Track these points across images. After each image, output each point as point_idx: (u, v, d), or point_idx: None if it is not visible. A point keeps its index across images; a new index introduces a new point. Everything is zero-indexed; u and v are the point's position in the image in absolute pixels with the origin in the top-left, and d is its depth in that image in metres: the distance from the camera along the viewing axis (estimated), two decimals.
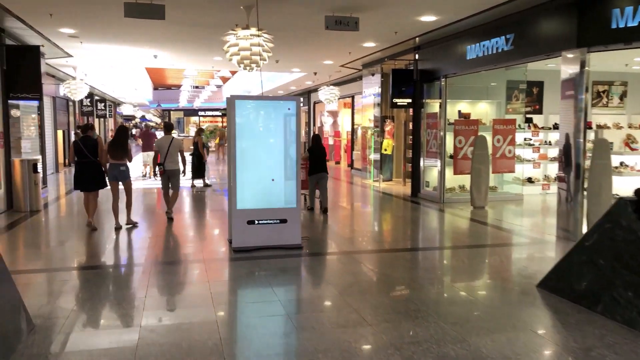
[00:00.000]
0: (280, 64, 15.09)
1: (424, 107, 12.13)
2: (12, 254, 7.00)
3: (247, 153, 6.98)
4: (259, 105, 7.10)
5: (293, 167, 7.15)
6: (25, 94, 10.38)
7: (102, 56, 13.78)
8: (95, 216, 8.65)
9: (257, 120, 7.06)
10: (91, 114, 22.94)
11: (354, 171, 19.14)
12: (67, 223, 9.36)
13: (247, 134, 6.99)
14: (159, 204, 11.84)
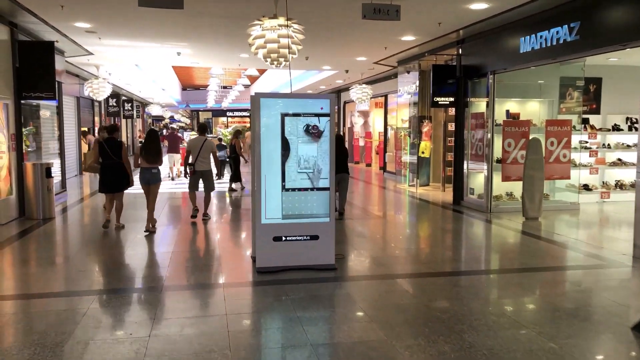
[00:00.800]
0: (310, 61, 14.14)
1: (468, 107, 10.99)
2: (4, 273, 6.21)
3: (274, 158, 6.03)
4: (287, 104, 6.13)
5: (326, 175, 6.17)
6: (39, 93, 9.67)
7: (124, 54, 13.06)
8: (120, 219, 8.62)
9: (285, 121, 6.09)
10: (117, 114, 22.43)
11: (386, 174, 18.05)
12: (79, 234, 8.58)
13: (274, 137, 6.05)
14: (185, 206, 11.08)
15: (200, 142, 9.18)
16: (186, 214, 10.05)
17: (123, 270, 6.30)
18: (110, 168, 7.98)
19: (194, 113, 50.61)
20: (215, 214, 10.26)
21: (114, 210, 8.46)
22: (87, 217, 10.03)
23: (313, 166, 6.13)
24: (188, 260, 6.75)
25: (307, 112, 6.09)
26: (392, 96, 18.35)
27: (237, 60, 14.16)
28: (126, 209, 9.27)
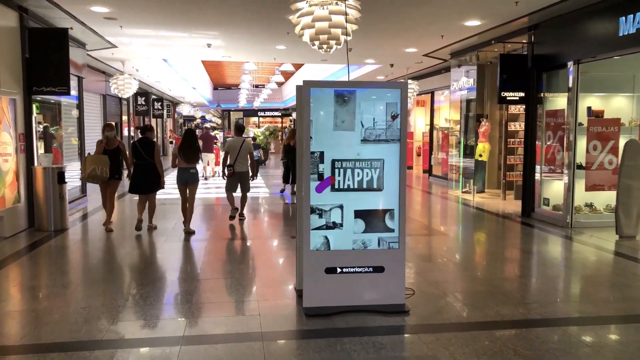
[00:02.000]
0: (353, 53, 12.68)
1: (542, 103, 9.35)
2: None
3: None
4: (345, 95, 4.69)
5: (394, 186, 4.71)
6: (51, 88, 8.47)
7: (149, 46, 11.84)
8: (154, 219, 8.42)
9: (342, 116, 4.65)
10: (146, 113, 21.41)
11: (432, 179, 16.44)
12: (94, 249, 7.32)
13: (326, 135, 4.63)
14: (218, 208, 9.86)
15: (239, 143, 8.91)
16: (219, 219, 8.75)
17: (142, 307, 4.96)
18: (143, 169, 7.79)
19: (225, 113, 49.68)
20: (263, 223, 8.91)
21: (145, 211, 8.28)
22: (113, 225, 8.79)
23: (377, 172, 4.68)
24: (216, 291, 5.37)
25: (372, 104, 4.65)
26: (439, 93, 16.74)
27: (273, 53, 12.79)
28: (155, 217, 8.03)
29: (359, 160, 4.67)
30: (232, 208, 9.01)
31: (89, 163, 7.78)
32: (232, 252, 7.17)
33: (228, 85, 40.50)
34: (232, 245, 7.55)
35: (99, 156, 7.84)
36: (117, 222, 8.92)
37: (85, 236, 8.18)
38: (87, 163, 7.81)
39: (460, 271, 6.23)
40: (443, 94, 16.63)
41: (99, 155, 7.86)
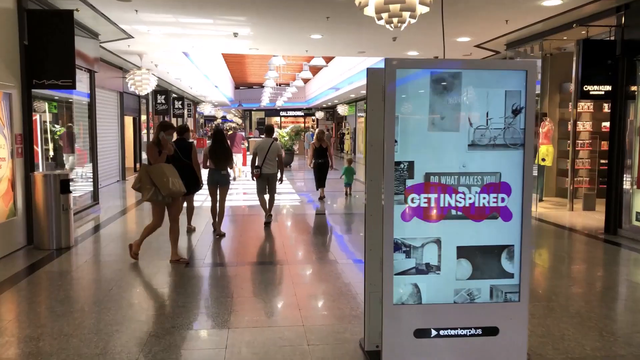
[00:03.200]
0: (395, 44, 11.21)
1: (634, 98, 7.76)
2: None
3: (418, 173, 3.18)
4: (446, 79, 3.22)
5: (516, 212, 3.25)
6: (54, 80, 7.16)
7: (169, 36, 10.51)
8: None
9: (441, 110, 3.20)
10: (166, 112, 20.18)
11: None
12: (104, 277, 5.96)
13: (416, 138, 3.18)
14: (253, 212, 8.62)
15: (268, 145, 8.59)
16: (249, 226, 7.36)
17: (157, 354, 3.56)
18: (180, 170, 7.15)
19: (246, 113, 48.53)
20: (302, 239, 7.50)
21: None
22: (121, 243, 7.44)
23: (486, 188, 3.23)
24: (255, 347, 3.94)
25: (484, 92, 3.19)
26: None
27: (306, 44, 11.36)
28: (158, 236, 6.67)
29: (466, 175, 3.22)
30: (266, 214, 8.72)
31: (159, 175, 5.97)
32: (268, 285, 5.75)
33: (250, 84, 39.30)
34: (267, 273, 6.13)
35: (169, 166, 6.18)
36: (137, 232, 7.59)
37: (94, 256, 6.83)
38: (156, 175, 6.00)
39: (570, 318, 4.69)
40: None
41: (169, 165, 6.19)
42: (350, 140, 31.44)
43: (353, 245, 7.49)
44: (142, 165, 6.28)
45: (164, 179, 5.94)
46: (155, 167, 6.01)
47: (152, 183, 5.96)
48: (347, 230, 8.77)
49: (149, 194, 6.00)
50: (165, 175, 5.97)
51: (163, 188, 5.93)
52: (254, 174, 8.61)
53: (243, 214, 10.21)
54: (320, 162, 11.66)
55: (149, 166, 6.09)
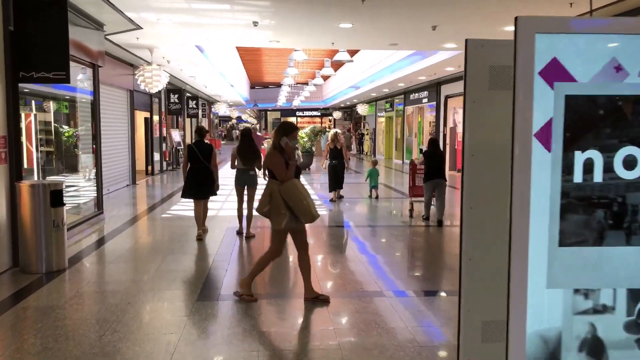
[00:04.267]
0: (432, 34, 9.96)
1: None
2: None
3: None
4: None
5: None
6: (44, 73, 6.04)
7: (181, 25, 9.36)
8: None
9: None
10: (179, 112, 19.12)
11: None
12: (94, 316, 4.79)
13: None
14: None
15: None
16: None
17: None
18: (199, 173, 7.37)
19: (261, 113, 47.52)
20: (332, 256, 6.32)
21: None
22: (124, 265, 6.29)
23: None
24: None
25: None
26: None
27: (333, 35, 10.14)
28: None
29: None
30: None
31: (296, 196, 4.61)
32: (299, 330, 4.54)
33: (266, 84, 38.24)
34: (293, 309, 4.92)
35: (300, 182, 4.80)
36: (148, 246, 6.44)
37: (88, 284, 5.67)
38: (292, 196, 4.58)
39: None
40: None
41: (299, 181, 4.80)
42: (370, 141, 30.17)
43: (391, 271, 6.27)
44: (269, 183, 4.76)
45: (303, 201, 4.60)
46: (289, 187, 4.60)
47: (286, 206, 4.59)
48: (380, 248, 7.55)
49: (285, 221, 4.59)
50: (303, 196, 4.63)
51: (304, 214, 4.60)
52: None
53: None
54: (333, 163, 11.31)
55: (279, 184, 4.63)
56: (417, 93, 21.35)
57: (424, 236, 8.35)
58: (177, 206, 10.76)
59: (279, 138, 4.73)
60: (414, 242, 8.01)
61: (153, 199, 12.26)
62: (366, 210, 10.67)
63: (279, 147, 4.71)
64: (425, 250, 7.56)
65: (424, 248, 7.67)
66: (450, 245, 7.38)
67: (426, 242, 8.01)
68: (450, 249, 7.11)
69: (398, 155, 24.94)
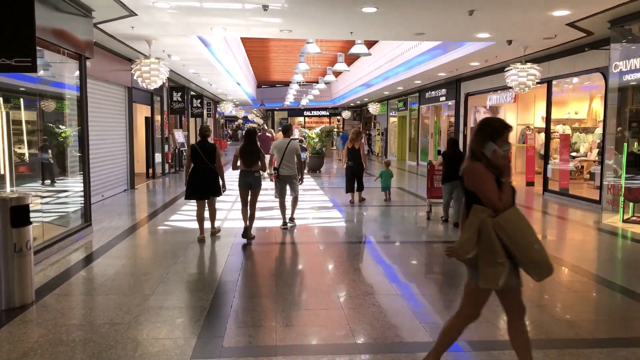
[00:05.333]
0: (464, 24, 8.70)
1: None
2: None
3: None
4: None
5: None
6: (4, 60, 4.83)
7: (181, 11, 8.13)
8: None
9: None
10: (182, 111, 17.92)
11: (549, 196, 12.20)
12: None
13: None
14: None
15: (285, 145, 8.12)
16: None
17: None
18: (202, 173, 7.18)
19: (268, 112, 46.29)
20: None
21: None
22: (104, 299, 5.07)
23: None
24: None
25: None
26: (562, 82, 12.53)
27: (352, 23, 8.87)
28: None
29: None
30: (284, 218, 8.22)
31: (522, 235, 2.94)
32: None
33: (273, 83, 37.05)
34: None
35: (520, 213, 3.06)
36: (145, 259, 5.22)
37: (55, 327, 4.41)
38: (516, 235, 2.91)
39: None
40: (564, 83, 12.50)
41: (518, 210, 3.06)
42: (381, 142, 28.87)
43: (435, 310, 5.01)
44: (474, 212, 3.01)
45: (534, 245, 2.94)
46: (511, 220, 2.95)
47: (505, 252, 2.93)
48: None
49: (503, 277, 2.91)
50: (532, 236, 2.97)
51: (537, 265, 2.93)
52: (271, 175, 8.14)
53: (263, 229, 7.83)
54: (350, 164, 10.88)
55: (490, 215, 2.98)
56: (434, 91, 20.05)
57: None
58: (177, 215, 9.55)
59: (481, 143, 3.08)
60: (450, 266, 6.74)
61: (152, 206, 11.07)
62: (384, 220, 9.40)
63: (483, 157, 3.07)
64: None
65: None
66: None
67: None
68: None
69: (412, 157, 23.64)
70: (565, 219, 9.80)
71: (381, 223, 9.06)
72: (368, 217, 9.68)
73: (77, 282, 5.57)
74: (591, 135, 14.70)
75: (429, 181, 9.50)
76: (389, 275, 5.80)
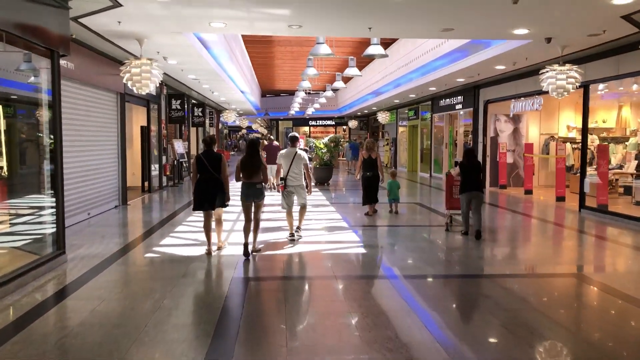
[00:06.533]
0: (501, 17, 7.41)
1: None
2: None
3: None
4: None
5: None
6: None
7: (175, 1, 6.87)
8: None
9: None
10: (182, 120, 16.65)
11: (587, 213, 10.82)
12: None
13: None
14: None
15: (292, 155, 7.87)
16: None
17: None
18: (208, 184, 6.94)
19: (272, 122, 45.08)
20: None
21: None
22: (67, 356, 3.75)
23: None
24: None
25: None
26: (597, 86, 11.21)
27: (372, 17, 7.56)
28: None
29: None
30: (291, 228, 8.00)
31: None
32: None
33: (277, 92, 35.90)
34: None
35: None
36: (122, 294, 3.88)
37: None
38: None
39: None
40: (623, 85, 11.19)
41: None
42: (390, 152, 27.54)
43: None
44: None
45: None
46: None
47: None
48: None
49: None
50: None
51: None
52: (279, 185, 7.97)
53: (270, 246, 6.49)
54: (368, 175, 10.43)
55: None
56: (448, 98, 18.74)
57: (480, 287, 5.72)
58: (170, 238, 8.23)
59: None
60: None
61: (143, 226, 9.76)
62: (407, 244, 8.03)
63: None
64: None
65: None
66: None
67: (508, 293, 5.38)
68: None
69: (424, 168, 22.29)
70: (619, 243, 8.43)
71: (405, 249, 7.70)
72: (389, 241, 8.32)
73: (29, 335, 4.22)
74: (621, 146, 13.40)
75: (447, 192, 9.21)
76: (430, 327, 4.44)
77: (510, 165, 15.83)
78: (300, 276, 6.20)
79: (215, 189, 6.96)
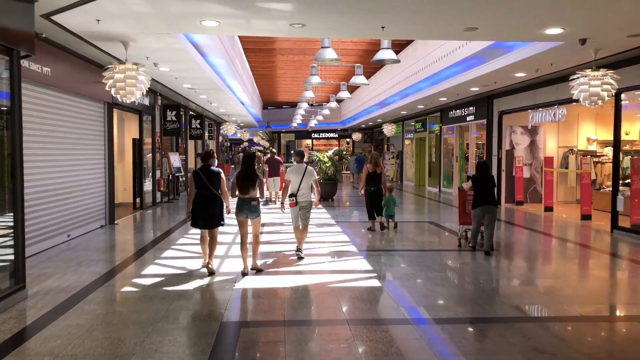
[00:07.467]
0: (533, 15, 6.40)
1: None
2: None
3: None
4: None
5: None
6: None
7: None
8: None
9: None
10: (178, 132, 15.63)
11: (620, 234, 9.72)
12: None
13: None
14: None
15: (302, 170, 7.57)
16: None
17: None
18: (206, 199, 6.67)
19: (274, 135, 44.15)
20: None
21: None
22: None
23: None
24: None
25: None
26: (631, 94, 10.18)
27: (384, 15, 6.56)
28: None
29: None
30: (297, 247, 7.67)
31: None
32: None
33: (279, 104, 35.02)
34: None
35: None
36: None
37: None
38: None
39: None
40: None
41: None
42: (395, 166, 26.48)
43: None
44: None
45: None
46: None
47: None
48: None
49: None
50: None
51: None
52: (289, 203, 7.53)
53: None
54: (372, 190, 10.16)
55: None
56: (459, 109, 17.73)
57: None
58: (155, 266, 7.17)
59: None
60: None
61: (127, 250, 8.70)
62: (428, 274, 6.92)
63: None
64: None
65: None
66: None
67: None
68: None
69: (432, 182, 21.22)
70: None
71: (425, 280, 6.59)
72: (406, 271, 7.19)
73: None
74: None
75: (460, 206, 8.94)
76: None
77: (527, 180, 14.77)
78: (304, 320, 5.08)
79: (214, 208, 6.72)
